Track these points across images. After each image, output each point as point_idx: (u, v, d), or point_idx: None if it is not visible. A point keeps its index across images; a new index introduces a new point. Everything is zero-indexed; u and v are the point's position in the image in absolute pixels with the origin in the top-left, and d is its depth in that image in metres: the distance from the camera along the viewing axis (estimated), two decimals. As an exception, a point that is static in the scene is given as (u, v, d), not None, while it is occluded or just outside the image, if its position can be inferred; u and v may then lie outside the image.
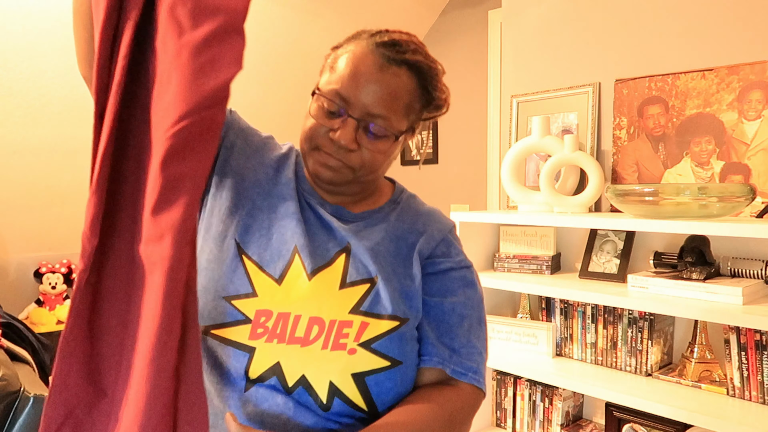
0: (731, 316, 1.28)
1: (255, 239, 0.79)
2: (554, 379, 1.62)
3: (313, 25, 3.39)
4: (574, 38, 1.91)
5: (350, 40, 0.81)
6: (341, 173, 0.79)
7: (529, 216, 1.69)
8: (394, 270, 0.80)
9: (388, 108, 0.77)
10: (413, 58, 0.78)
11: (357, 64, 0.76)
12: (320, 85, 0.82)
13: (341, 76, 0.77)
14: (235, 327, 0.73)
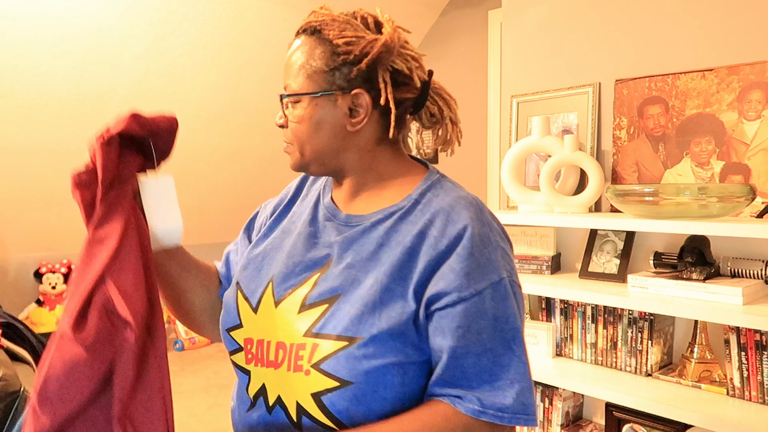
0: (731, 316, 1.28)
1: (248, 273, 0.86)
2: (554, 379, 1.62)
3: (313, 25, 3.38)
4: (574, 38, 1.91)
5: None
6: (291, 154, 0.84)
7: (529, 216, 1.69)
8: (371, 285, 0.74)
9: (288, 75, 0.81)
10: (303, 25, 0.80)
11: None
12: None
13: None
14: (237, 354, 0.83)
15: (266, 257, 0.85)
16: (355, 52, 0.76)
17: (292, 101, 0.81)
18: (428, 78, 0.83)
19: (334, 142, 0.80)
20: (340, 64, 0.77)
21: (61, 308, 3.78)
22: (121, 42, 2.93)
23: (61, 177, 3.46)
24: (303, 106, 0.80)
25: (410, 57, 0.81)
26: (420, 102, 0.84)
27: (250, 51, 3.35)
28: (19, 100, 2.95)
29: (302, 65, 0.79)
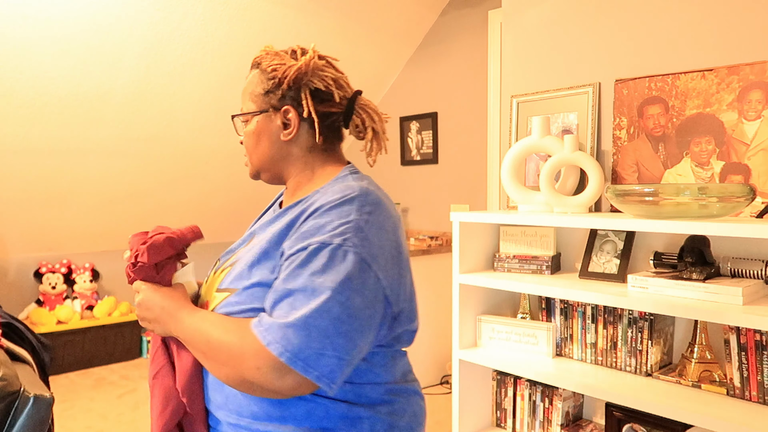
0: (731, 316, 1.28)
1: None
2: (554, 379, 1.62)
3: (313, 25, 3.39)
4: (574, 38, 1.91)
5: None
6: (248, 165, 1.04)
7: (529, 216, 1.69)
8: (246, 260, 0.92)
9: (241, 100, 1.03)
10: (253, 61, 1.02)
11: None
12: None
13: None
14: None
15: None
16: (278, 76, 0.96)
17: (241, 120, 1.02)
18: (353, 96, 1.00)
19: (273, 151, 1.00)
20: (271, 87, 0.97)
21: (60, 308, 3.78)
22: (121, 42, 2.93)
23: (61, 177, 3.46)
24: (249, 124, 1.01)
25: (329, 78, 0.98)
26: (347, 116, 1.00)
27: (250, 51, 3.35)
28: (19, 100, 2.95)
29: (247, 92, 1.01)
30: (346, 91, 1.00)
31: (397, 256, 0.89)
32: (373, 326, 0.84)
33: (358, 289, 0.81)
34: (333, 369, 0.79)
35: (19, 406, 1.32)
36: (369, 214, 0.86)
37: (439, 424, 2.92)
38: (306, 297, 0.80)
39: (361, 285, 0.81)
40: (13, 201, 3.46)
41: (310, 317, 0.78)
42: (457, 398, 1.88)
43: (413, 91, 4.01)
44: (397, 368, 0.97)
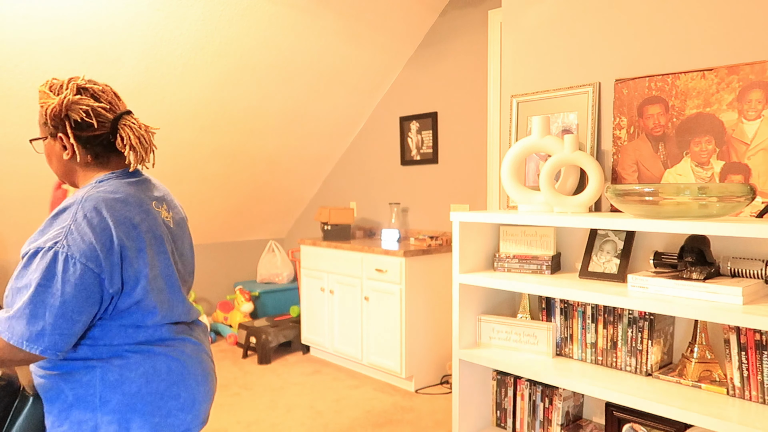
0: (731, 316, 1.28)
1: None
2: (554, 379, 1.62)
3: (313, 25, 3.39)
4: (574, 38, 1.91)
5: None
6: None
7: (529, 216, 1.69)
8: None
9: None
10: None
11: None
12: None
13: None
14: None
15: None
16: (44, 113, 1.19)
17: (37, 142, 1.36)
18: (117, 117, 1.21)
19: (61, 167, 1.23)
20: (45, 120, 1.20)
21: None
22: (121, 42, 2.93)
23: (61, 177, 3.47)
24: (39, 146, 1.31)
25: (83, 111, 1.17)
26: (113, 134, 1.21)
27: (249, 51, 3.35)
28: (19, 100, 2.95)
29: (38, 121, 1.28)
30: (105, 117, 1.20)
31: (109, 249, 1.09)
32: (89, 305, 1.08)
33: (68, 280, 1.05)
34: (55, 342, 1.06)
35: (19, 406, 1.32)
36: (83, 218, 1.09)
37: (439, 424, 2.92)
38: (24, 292, 1.05)
39: (70, 276, 1.05)
40: (13, 201, 3.46)
41: (26, 307, 1.04)
42: (457, 398, 1.88)
43: (413, 91, 4.01)
44: (133, 335, 1.17)
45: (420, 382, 3.43)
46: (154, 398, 1.17)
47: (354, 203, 4.54)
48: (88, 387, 1.13)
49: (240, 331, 4.13)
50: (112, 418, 1.13)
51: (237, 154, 4.01)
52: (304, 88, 3.80)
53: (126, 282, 1.12)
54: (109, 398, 1.13)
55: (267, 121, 3.90)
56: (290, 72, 3.63)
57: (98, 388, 1.13)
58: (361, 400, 3.25)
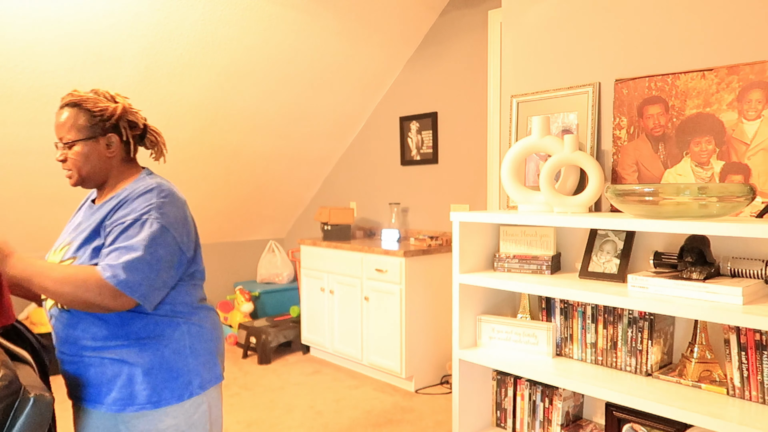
0: (731, 316, 1.28)
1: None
2: (554, 379, 1.62)
3: (313, 25, 3.39)
4: (574, 38, 1.91)
5: None
6: (72, 177, 1.39)
7: (529, 216, 1.69)
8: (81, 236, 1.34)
9: (63, 131, 1.37)
10: (66, 101, 1.38)
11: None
12: None
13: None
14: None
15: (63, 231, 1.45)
16: (106, 114, 1.38)
17: (66, 146, 1.37)
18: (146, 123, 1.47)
19: (100, 165, 1.40)
20: (96, 121, 1.38)
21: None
22: (121, 42, 2.93)
23: (61, 177, 3.46)
24: (77, 146, 1.37)
25: (137, 115, 1.44)
26: (144, 135, 1.47)
27: (249, 51, 3.35)
28: (19, 100, 2.95)
29: (68, 125, 1.36)
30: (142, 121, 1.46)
31: (185, 223, 1.36)
32: (173, 267, 1.32)
33: (161, 244, 1.29)
34: (149, 293, 1.27)
35: (19, 406, 1.32)
36: (164, 198, 1.35)
37: (439, 424, 2.92)
38: (128, 250, 1.26)
39: (162, 241, 1.29)
40: (13, 201, 3.46)
41: (131, 262, 1.25)
42: (457, 398, 1.88)
43: (413, 91, 4.01)
44: (197, 294, 1.44)
45: (420, 382, 3.43)
46: (217, 344, 1.46)
47: (354, 203, 4.54)
48: (180, 341, 1.36)
49: (240, 331, 4.13)
50: (200, 362, 1.39)
51: (237, 154, 4.01)
52: (304, 88, 3.80)
53: (195, 249, 1.42)
54: (197, 347, 1.39)
55: (267, 120, 3.90)
56: (290, 72, 3.63)
57: (187, 341, 1.37)
58: (361, 400, 3.25)
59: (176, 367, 1.35)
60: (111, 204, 1.36)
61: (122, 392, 1.31)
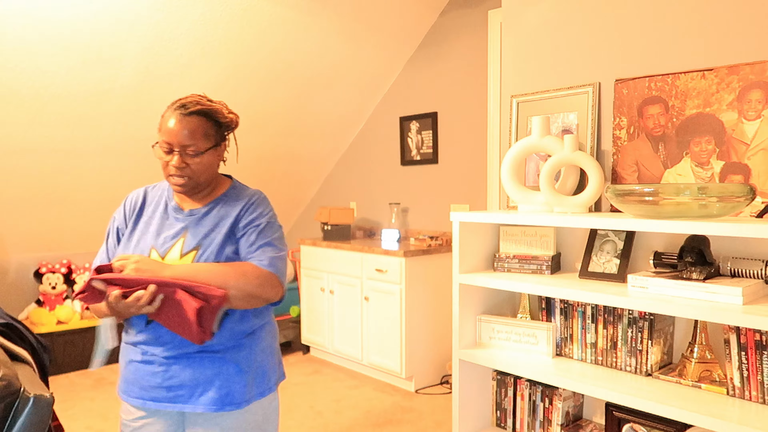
0: (731, 316, 1.28)
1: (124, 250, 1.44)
2: (554, 379, 1.62)
3: (313, 25, 3.38)
4: (574, 38, 1.91)
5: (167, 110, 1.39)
6: (186, 184, 1.39)
7: (529, 216, 1.69)
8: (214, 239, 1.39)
9: (192, 139, 1.36)
10: (196, 109, 1.37)
11: (169, 123, 1.36)
12: (159, 138, 1.38)
13: (164, 131, 1.36)
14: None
15: (140, 238, 1.42)
16: (231, 123, 1.45)
17: (194, 153, 1.37)
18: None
19: (215, 170, 1.44)
20: (221, 129, 1.42)
21: (60, 308, 3.78)
22: (121, 42, 2.93)
23: (61, 177, 3.46)
24: (203, 156, 1.38)
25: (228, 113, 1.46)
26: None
27: (249, 51, 3.35)
28: (19, 100, 2.95)
29: (203, 133, 1.37)
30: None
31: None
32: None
33: (284, 242, 1.46)
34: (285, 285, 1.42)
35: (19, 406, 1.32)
36: (268, 202, 1.50)
37: (439, 424, 2.92)
38: (270, 247, 1.40)
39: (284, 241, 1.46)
40: (13, 201, 3.46)
41: (276, 258, 1.39)
42: (457, 398, 1.88)
43: (413, 91, 4.01)
44: None
45: (420, 382, 3.43)
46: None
47: (354, 203, 4.54)
48: (265, 339, 1.46)
49: (240, 331, 4.13)
50: (276, 359, 1.49)
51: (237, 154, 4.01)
52: (304, 88, 3.80)
53: None
54: (273, 345, 1.49)
55: (267, 120, 3.90)
56: (290, 72, 3.63)
57: (270, 339, 1.48)
58: (361, 400, 3.25)
59: (263, 365, 1.43)
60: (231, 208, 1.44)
61: (220, 391, 1.36)
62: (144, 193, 1.52)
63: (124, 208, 1.50)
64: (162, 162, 1.39)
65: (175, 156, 1.36)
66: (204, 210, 1.44)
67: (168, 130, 1.35)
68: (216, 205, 1.45)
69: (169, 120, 1.36)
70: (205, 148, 1.37)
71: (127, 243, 1.43)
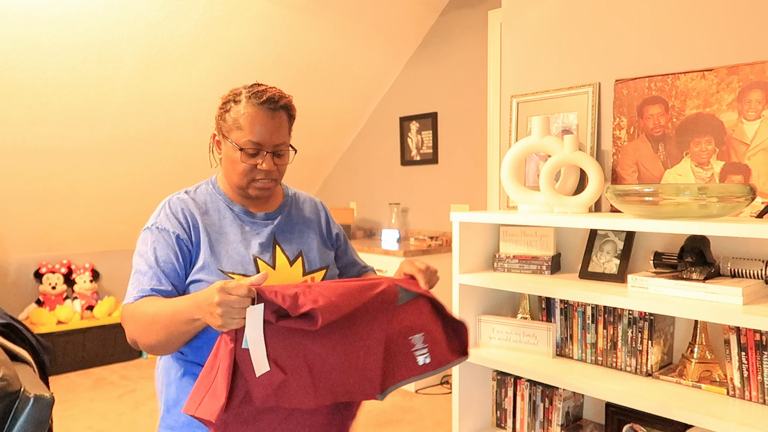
0: (731, 316, 1.28)
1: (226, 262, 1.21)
2: (554, 379, 1.62)
3: (313, 25, 3.39)
4: (574, 38, 1.91)
5: (237, 103, 1.21)
6: (272, 188, 1.26)
7: (529, 216, 1.69)
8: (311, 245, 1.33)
9: (283, 136, 1.22)
10: (283, 103, 1.22)
11: (257, 119, 1.19)
12: (235, 139, 1.20)
13: (250, 130, 1.19)
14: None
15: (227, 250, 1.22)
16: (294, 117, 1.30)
17: (283, 152, 1.24)
18: None
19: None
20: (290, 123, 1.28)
21: (61, 308, 3.78)
22: (121, 42, 2.93)
23: (61, 177, 3.46)
24: (289, 154, 1.27)
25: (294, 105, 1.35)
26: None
27: (249, 51, 3.35)
28: (18, 100, 2.95)
29: (287, 130, 1.24)
30: None
31: None
32: None
33: None
34: None
35: (19, 406, 1.32)
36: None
37: (439, 424, 2.92)
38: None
39: None
40: (13, 201, 3.46)
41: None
42: (457, 398, 1.88)
43: (413, 91, 4.01)
44: None
45: (420, 382, 3.43)
46: None
47: (354, 203, 4.54)
48: None
49: (240, 331, 4.13)
50: None
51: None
52: (304, 88, 3.80)
53: None
54: None
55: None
56: (290, 72, 3.63)
57: None
58: (361, 400, 3.25)
59: None
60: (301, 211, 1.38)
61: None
62: (192, 201, 1.29)
63: (177, 218, 1.24)
64: (240, 167, 1.21)
65: (266, 158, 1.20)
66: (278, 213, 1.33)
67: (256, 128, 1.18)
68: (285, 206, 1.36)
69: (256, 116, 1.18)
70: (289, 144, 1.25)
71: (211, 257, 1.20)
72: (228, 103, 1.22)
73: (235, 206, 1.29)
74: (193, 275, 1.19)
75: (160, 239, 1.19)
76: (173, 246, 1.19)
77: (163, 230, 1.20)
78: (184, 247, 1.20)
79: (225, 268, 1.19)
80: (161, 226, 1.21)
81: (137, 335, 1.11)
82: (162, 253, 1.18)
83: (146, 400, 3.26)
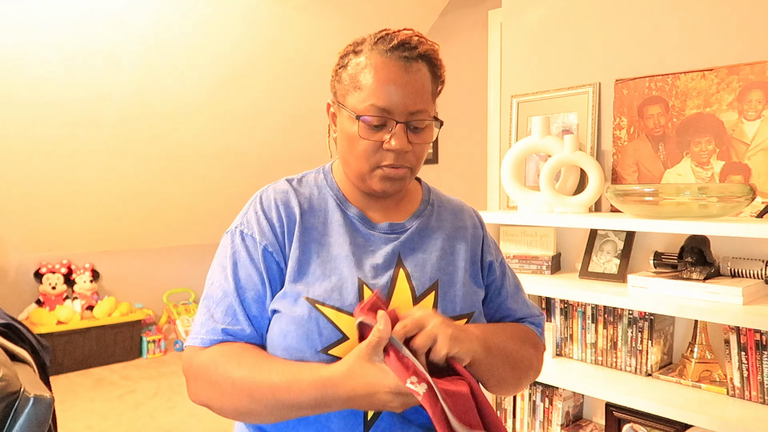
0: (731, 316, 1.28)
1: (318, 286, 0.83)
2: (554, 379, 1.62)
3: (313, 25, 3.39)
4: (574, 38, 1.91)
5: (357, 54, 0.84)
6: (406, 178, 0.86)
7: (529, 216, 1.69)
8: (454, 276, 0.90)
9: (423, 101, 0.82)
10: (423, 50, 0.83)
11: (383, 74, 0.80)
12: (352, 105, 0.83)
13: (373, 90, 0.80)
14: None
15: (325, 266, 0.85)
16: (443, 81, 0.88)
17: (422, 126, 0.84)
18: None
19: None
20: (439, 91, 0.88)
21: (61, 308, 3.78)
22: (121, 42, 2.93)
23: (61, 177, 3.46)
24: (431, 129, 0.86)
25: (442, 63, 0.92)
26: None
27: (250, 51, 3.35)
28: (19, 101, 2.95)
29: (432, 92, 0.85)
30: None
31: None
32: None
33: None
34: None
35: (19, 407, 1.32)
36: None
37: (439, 424, 2.91)
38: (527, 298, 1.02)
39: None
40: (13, 201, 3.46)
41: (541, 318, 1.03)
42: (457, 398, 1.88)
43: (413, 91, 4.00)
44: None
45: (420, 382, 3.43)
46: None
47: (354, 203, 4.53)
48: None
49: (240, 331, 4.12)
50: None
51: (238, 155, 4.01)
52: (305, 88, 3.80)
53: None
54: None
55: (268, 121, 3.90)
56: (290, 72, 3.63)
57: None
58: (361, 400, 3.25)
59: None
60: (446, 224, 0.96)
61: None
62: (294, 193, 0.90)
63: (269, 219, 0.87)
64: (359, 147, 0.83)
65: (397, 131, 0.81)
66: (412, 225, 0.92)
67: (383, 87, 0.80)
68: (420, 215, 0.94)
69: (383, 69, 0.80)
70: (433, 115, 0.86)
71: (299, 273, 0.84)
72: (347, 56, 0.85)
73: (349, 208, 0.90)
74: (273, 303, 0.84)
75: (242, 252, 0.85)
76: (258, 262, 0.85)
77: (248, 236, 0.86)
78: (273, 265, 0.85)
79: (314, 295, 0.82)
80: (246, 231, 0.87)
81: (213, 401, 0.80)
82: (243, 273, 0.84)
83: (146, 400, 3.26)
